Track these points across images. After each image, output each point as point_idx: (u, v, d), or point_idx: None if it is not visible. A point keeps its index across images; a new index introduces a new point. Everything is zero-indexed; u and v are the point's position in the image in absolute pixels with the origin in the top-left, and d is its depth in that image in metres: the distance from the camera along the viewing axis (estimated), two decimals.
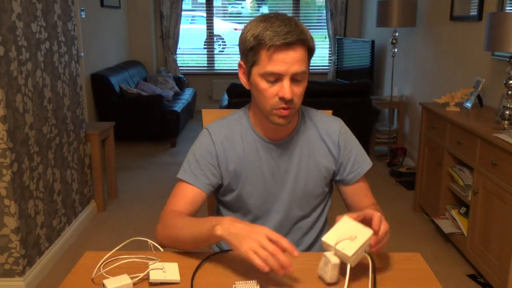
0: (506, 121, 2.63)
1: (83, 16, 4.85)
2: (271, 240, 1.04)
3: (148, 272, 1.12)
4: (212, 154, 1.34)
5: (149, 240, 1.23)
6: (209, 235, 1.13)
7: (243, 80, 1.31)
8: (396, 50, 4.70)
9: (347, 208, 1.44)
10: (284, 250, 1.03)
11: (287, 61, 1.19)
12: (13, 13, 2.37)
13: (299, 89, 1.23)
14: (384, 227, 1.10)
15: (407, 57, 5.02)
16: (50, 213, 2.77)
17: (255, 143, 1.35)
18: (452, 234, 2.91)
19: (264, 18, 1.22)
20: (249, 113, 1.38)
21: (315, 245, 1.48)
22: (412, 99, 4.87)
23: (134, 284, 1.10)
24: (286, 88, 1.20)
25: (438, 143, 3.15)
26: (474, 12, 3.50)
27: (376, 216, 1.11)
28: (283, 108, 1.23)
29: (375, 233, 1.09)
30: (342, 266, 1.08)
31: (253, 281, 1.08)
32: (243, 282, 1.08)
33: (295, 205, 1.40)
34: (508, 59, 2.69)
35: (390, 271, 1.18)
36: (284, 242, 1.03)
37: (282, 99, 1.21)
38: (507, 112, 2.65)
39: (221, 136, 1.36)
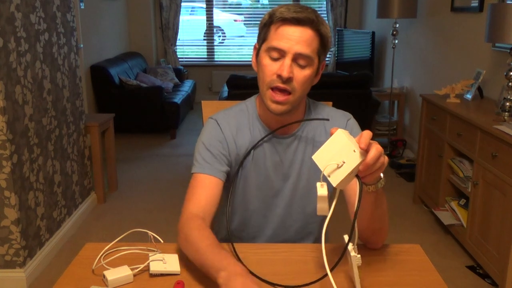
0: (506, 113, 2.63)
1: (82, 7, 4.82)
2: None
3: (149, 263, 1.12)
4: (222, 143, 1.32)
5: (149, 232, 1.23)
6: (212, 276, 1.03)
7: (253, 61, 1.31)
8: (396, 41, 4.69)
9: (347, 202, 1.36)
10: None
11: (292, 38, 1.18)
12: (12, 3, 2.36)
13: (301, 75, 1.21)
14: (375, 151, 0.96)
15: (407, 49, 5.00)
16: (50, 205, 2.78)
17: (260, 135, 1.34)
18: (452, 225, 2.91)
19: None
20: (256, 103, 1.36)
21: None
22: (412, 90, 4.86)
23: (135, 275, 1.10)
24: (285, 66, 1.18)
25: (438, 135, 3.15)
26: (475, 3, 3.48)
27: (364, 134, 0.96)
28: (278, 88, 1.21)
29: (364, 154, 0.96)
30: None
31: None
32: None
33: (298, 202, 1.37)
34: (508, 51, 2.68)
35: (389, 263, 1.19)
36: None
37: (279, 76, 1.19)
38: (508, 103, 2.64)
39: (230, 126, 1.34)
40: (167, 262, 1.13)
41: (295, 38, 1.18)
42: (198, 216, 1.19)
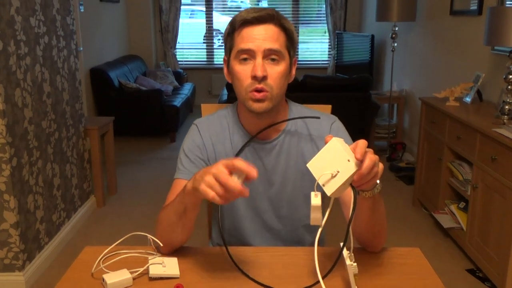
0: (505, 116, 2.63)
1: (82, 10, 4.83)
2: (229, 167, 0.98)
3: (148, 266, 1.12)
4: (201, 148, 1.33)
5: (148, 235, 1.23)
6: (184, 196, 1.09)
7: (226, 73, 1.31)
8: (395, 44, 4.69)
9: (342, 206, 1.33)
10: (246, 173, 0.98)
11: (257, 37, 1.19)
12: (12, 7, 2.36)
13: (275, 72, 1.21)
14: (369, 161, 0.95)
15: (407, 52, 5.01)
16: (49, 208, 2.77)
17: (242, 140, 1.33)
18: (451, 229, 2.91)
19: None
20: (237, 110, 1.36)
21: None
22: (411, 93, 4.86)
23: (134, 278, 1.10)
24: (257, 65, 1.18)
25: (437, 138, 3.15)
26: (474, 7, 3.49)
27: (360, 144, 0.96)
28: (257, 90, 1.20)
29: (359, 164, 0.95)
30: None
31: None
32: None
33: (285, 207, 1.36)
34: (508, 54, 2.68)
35: (389, 266, 1.19)
36: (241, 165, 0.98)
37: (254, 77, 1.19)
38: (507, 107, 2.64)
39: (210, 131, 1.35)
40: (166, 266, 1.13)
41: (261, 36, 1.19)
42: None
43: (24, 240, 2.48)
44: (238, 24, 1.21)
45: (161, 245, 1.19)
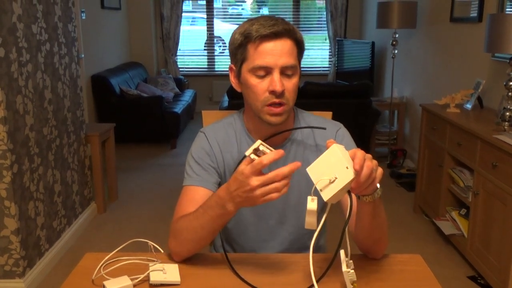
0: (506, 123, 2.63)
1: (84, 17, 4.85)
2: (257, 171, 1.02)
3: (149, 273, 1.12)
4: (210, 155, 1.33)
5: (149, 242, 1.23)
6: (223, 216, 1.11)
7: (234, 82, 1.30)
8: (396, 51, 4.71)
9: (343, 212, 1.34)
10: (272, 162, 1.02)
11: (275, 53, 1.19)
12: (14, 14, 2.38)
13: (290, 84, 1.22)
14: (366, 169, 0.97)
15: (407, 59, 5.02)
16: (50, 215, 2.77)
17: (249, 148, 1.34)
18: (453, 235, 2.91)
19: (250, 19, 1.25)
20: (243, 117, 1.36)
21: None
22: (412, 100, 4.87)
23: (135, 285, 1.10)
24: (276, 81, 1.18)
25: (438, 145, 3.15)
26: (474, 14, 3.50)
27: (358, 154, 0.97)
28: (275, 104, 1.21)
29: (357, 173, 0.97)
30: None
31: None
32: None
33: (290, 214, 1.36)
34: (508, 61, 2.69)
35: (390, 273, 1.19)
36: (269, 158, 1.02)
37: (272, 92, 1.20)
38: (508, 113, 2.64)
39: (217, 138, 1.35)
40: (167, 272, 1.13)
41: (277, 52, 1.19)
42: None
43: (24, 247, 2.47)
44: (255, 37, 1.19)
45: (162, 251, 1.20)
